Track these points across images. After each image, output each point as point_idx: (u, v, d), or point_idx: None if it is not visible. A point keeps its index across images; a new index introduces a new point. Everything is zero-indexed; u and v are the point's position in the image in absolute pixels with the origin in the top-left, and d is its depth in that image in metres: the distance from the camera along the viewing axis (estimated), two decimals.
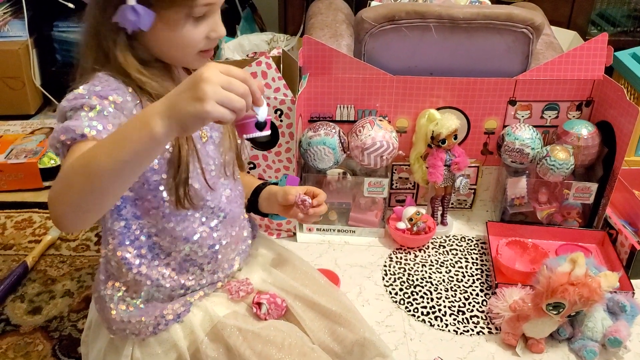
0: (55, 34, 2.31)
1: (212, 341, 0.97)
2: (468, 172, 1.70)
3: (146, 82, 0.87)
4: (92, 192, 0.71)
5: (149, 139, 0.68)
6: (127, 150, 0.69)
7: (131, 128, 0.70)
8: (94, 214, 0.75)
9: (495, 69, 1.62)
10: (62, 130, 0.78)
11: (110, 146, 0.70)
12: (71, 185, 0.71)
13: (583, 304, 1.25)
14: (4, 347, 1.37)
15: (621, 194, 1.65)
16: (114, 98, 0.83)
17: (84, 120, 0.78)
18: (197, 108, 0.67)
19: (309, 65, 1.56)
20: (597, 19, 2.48)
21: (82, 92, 0.83)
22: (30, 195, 1.92)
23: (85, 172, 0.70)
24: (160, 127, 0.68)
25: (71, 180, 0.71)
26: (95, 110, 0.80)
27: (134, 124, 0.70)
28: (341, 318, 1.06)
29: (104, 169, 0.69)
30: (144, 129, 0.68)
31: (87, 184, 0.70)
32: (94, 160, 0.69)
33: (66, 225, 0.74)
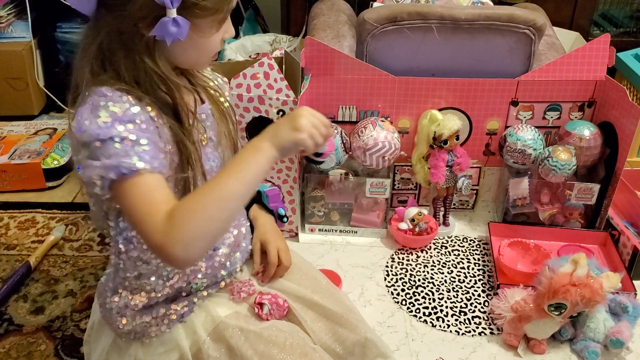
0: (59, 34, 2.31)
1: (214, 341, 0.97)
2: (470, 173, 1.70)
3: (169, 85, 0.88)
4: (227, 219, 0.83)
5: (266, 160, 0.83)
6: (252, 173, 0.82)
7: (247, 156, 0.83)
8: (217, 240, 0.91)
9: (497, 69, 1.62)
10: (110, 167, 0.78)
11: (237, 174, 0.81)
12: (211, 219, 0.79)
13: (585, 305, 1.25)
14: (7, 346, 1.37)
15: (623, 195, 1.65)
16: (139, 119, 0.83)
17: (131, 153, 0.79)
18: (296, 136, 0.84)
19: (311, 66, 1.57)
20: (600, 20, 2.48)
21: (108, 119, 0.80)
22: (34, 196, 1.92)
23: (222, 202, 0.80)
24: (271, 150, 0.83)
25: (214, 217, 0.79)
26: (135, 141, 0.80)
27: (248, 152, 0.83)
28: (342, 319, 1.07)
29: (238, 194, 0.81)
30: (259, 153, 0.82)
31: (225, 211, 0.80)
32: (227, 189, 0.80)
33: (194, 260, 0.86)
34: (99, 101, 0.82)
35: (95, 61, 0.86)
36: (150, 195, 0.80)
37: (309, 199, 1.66)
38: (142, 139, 0.81)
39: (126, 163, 0.78)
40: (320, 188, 1.65)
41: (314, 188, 1.65)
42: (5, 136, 2.10)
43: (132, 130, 0.81)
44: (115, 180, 0.79)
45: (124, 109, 0.82)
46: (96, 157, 0.79)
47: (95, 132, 0.79)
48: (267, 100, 1.49)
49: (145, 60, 0.85)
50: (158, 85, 0.86)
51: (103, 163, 0.78)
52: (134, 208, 0.79)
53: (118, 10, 0.82)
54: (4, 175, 1.92)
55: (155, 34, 0.83)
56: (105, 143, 0.79)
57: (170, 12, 0.81)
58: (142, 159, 0.79)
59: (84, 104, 0.83)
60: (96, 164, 0.79)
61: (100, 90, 0.83)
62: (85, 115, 0.81)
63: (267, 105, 1.50)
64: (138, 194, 0.79)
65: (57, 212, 1.84)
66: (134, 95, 0.84)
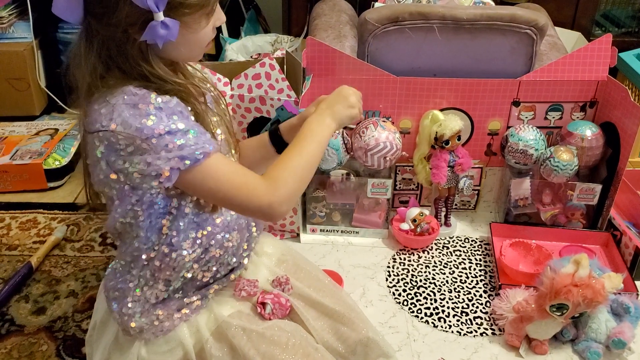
0: (60, 35, 2.31)
1: (216, 341, 0.97)
2: (472, 173, 1.70)
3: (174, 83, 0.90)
4: (310, 176, 0.98)
5: (330, 132, 1.02)
6: (323, 140, 1.01)
7: (316, 129, 1.00)
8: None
9: (498, 69, 1.61)
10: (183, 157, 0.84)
11: (313, 140, 0.98)
12: (303, 179, 0.95)
13: (587, 306, 1.25)
14: (8, 347, 1.37)
15: (625, 195, 1.65)
16: (179, 107, 0.87)
17: (193, 143, 0.85)
18: (352, 112, 1.05)
19: (312, 66, 1.57)
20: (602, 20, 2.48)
21: (154, 114, 0.84)
22: (35, 196, 1.93)
23: (308, 163, 0.96)
24: (333, 124, 1.02)
25: (303, 177, 0.95)
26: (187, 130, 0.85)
27: (316, 125, 1.01)
28: (345, 318, 1.07)
29: (317, 156, 0.98)
30: (324, 126, 1.01)
31: (311, 170, 0.97)
32: (310, 153, 0.97)
33: (286, 212, 0.94)
34: (135, 98, 0.84)
35: (99, 66, 0.86)
36: (231, 170, 0.90)
37: (311, 200, 1.66)
38: (192, 126, 0.86)
39: (199, 149, 0.84)
40: (322, 188, 1.65)
41: (316, 188, 1.65)
42: (6, 137, 2.10)
43: (180, 120, 0.85)
44: (188, 168, 0.84)
45: (165, 101, 0.85)
46: (156, 152, 0.82)
47: (149, 128, 0.82)
48: (268, 100, 1.49)
49: (142, 64, 0.86)
50: (163, 83, 0.88)
51: (172, 154, 0.83)
52: (227, 183, 0.88)
53: (106, 19, 0.83)
54: (5, 176, 1.92)
55: (146, 39, 0.83)
56: (163, 137, 0.83)
57: (158, 16, 0.81)
58: (207, 141, 0.86)
59: (110, 105, 0.84)
60: (166, 156, 0.82)
61: (127, 89, 0.85)
62: (128, 113, 0.83)
63: (268, 105, 1.50)
64: (223, 171, 0.88)
65: (58, 213, 1.84)
66: (154, 89, 0.87)
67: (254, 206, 0.90)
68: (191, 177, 0.86)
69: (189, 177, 0.86)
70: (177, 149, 0.83)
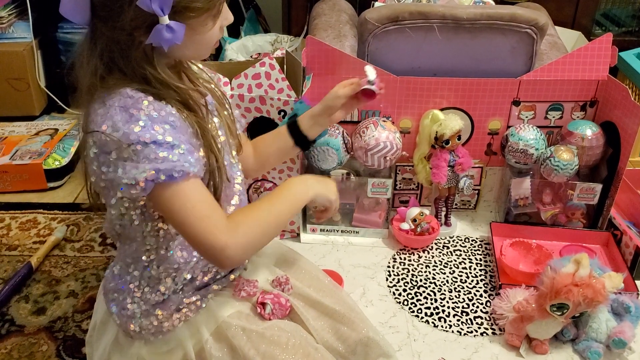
0: (60, 35, 2.31)
1: (216, 341, 0.97)
2: (472, 173, 1.70)
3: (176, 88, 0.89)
4: (272, 237, 0.98)
5: (305, 200, 1.02)
6: (297, 206, 1.01)
7: (295, 192, 1.00)
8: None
9: (499, 69, 1.61)
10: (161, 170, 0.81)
11: (285, 206, 0.97)
12: (264, 235, 0.94)
13: (587, 305, 1.25)
14: (8, 347, 1.37)
15: (626, 195, 1.65)
16: (172, 117, 0.86)
17: (180, 158, 0.83)
18: (330, 195, 1.08)
19: (312, 66, 1.56)
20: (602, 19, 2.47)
21: (145, 122, 0.82)
22: (35, 196, 1.93)
23: (276, 224, 0.96)
24: (310, 194, 1.02)
25: (265, 233, 0.94)
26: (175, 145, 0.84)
27: (296, 189, 1.01)
28: (345, 318, 1.07)
29: (285, 220, 1.00)
30: (304, 195, 1.01)
31: (275, 231, 0.98)
32: (280, 215, 0.96)
33: (240, 264, 0.98)
34: (129, 102, 0.83)
35: (100, 67, 0.86)
36: (201, 199, 0.86)
37: None
38: (182, 142, 0.84)
39: (178, 167, 0.82)
40: None
41: None
42: (6, 137, 2.10)
43: (170, 132, 0.83)
44: (161, 183, 0.81)
45: (158, 109, 0.84)
46: (137, 160, 0.81)
47: (135, 135, 0.81)
48: (268, 100, 1.49)
49: (145, 67, 0.86)
50: (164, 88, 0.88)
51: (149, 166, 0.80)
52: (191, 210, 0.84)
53: (111, 22, 0.83)
54: (5, 176, 1.92)
55: (152, 42, 0.83)
56: (148, 146, 0.81)
57: (163, 19, 0.81)
58: (190, 163, 0.83)
59: (106, 106, 0.84)
60: (139, 166, 0.80)
61: (124, 91, 0.84)
62: (119, 117, 0.82)
63: (268, 105, 1.50)
64: (193, 198, 0.85)
65: (58, 213, 1.84)
66: (152, 93, 0.86)
67: (208, 243, 0.85)
68: (160, 192, 0.83)
69: (158, 191, 0.83)
70: (159, 160, 0.81)
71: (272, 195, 0.98)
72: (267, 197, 0.98)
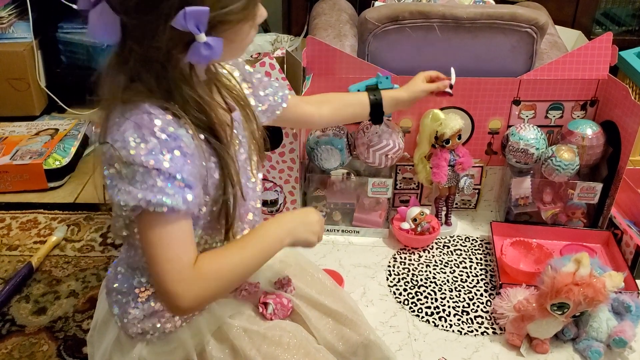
0: (60, 35, 2.31)
1: (218, 341, 0.97)
2: (472, 172, 1.70)
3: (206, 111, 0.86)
4: (236, 286, 0.97)
5: (279, 247, 0.95)
6: (267, 257, 0.93)
7: (269, 243, 0.93)
8: None
9: (499, 68, 1.61)
10: (145, 200, 0.78)
11: (259, 256, 0.92)
12: (229, 286, 0.91)
13: (588, 304, 1.25)
14: (9, 347, 1.37)
15: (626, 194, 1.65)
16: (183, 142, 0.82)
17: (170, 191, 0.80)
18: (311, 239, 0.98)
19: (312, 65, 1.56)
20: (602, 18, 2.48)
21: (153, 145, 0.79)
22: (36, 196, 1.93)
23: (242, 275, 0.93)
24: (286, 241, 0.94)
25: (229, 284, 0.91)
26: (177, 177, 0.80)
27: (269, 239, 0.93)
28: (347, 319, 1.07)
29: (253, 270, 0.94)
30: (278, 244, 0.94)
31: (240, 281, 0.97)
32: (249, 267, 0.91)
33: (186, 312, 0.91)
34: (145, 119, 0.80)
35: (127, 83, 0.83)
36: (177, 240, 0.82)
37: (311, 199, 1.66)
38: (185, 173, 0.81)
39: (163, 201, 0.79)
40: (322, 188, 1.65)
41: (316, 188, 1.65)
42: (6, 137, 2.10)
43: (176, 160, 0.80)
44: (149, 212, 0.79)
45: (170, 132, 0.81)
46: (134, 181, 0.79)
47: (139, 156, 0.79)
48: None
49: (182, 86, 0.83)
50: (193, 107, 0.84)
51: (142, 194, 0.78)
52: (163, 247, 0.81)
53: (146, 42, 0.80)
54: (5, 176, 1.92)
55: (190, 60, 0.81)
56: (149, 172, 0.79)
57: (200, 37, 0.78)
58: (184, 200, 0.80)
59: (122, 118, 0.81)
60: (132, 190, 0.79)
61: (143, 106, 0.81)
62: (130, 132, 0.80)
63: None
64: (170, 235, 0.81)
65: (58, 213, 1.84)
66: (173, 114, 0.83)
67: (164, 287, 0.82)
68: (144, 218, 0.81)
69: (143, 217, 0.81)
70: (154, 189, 0.79)
71: (246, 241, 0.93)
72: (240, 243, 0.93)
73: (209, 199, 0.90)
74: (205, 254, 0.86)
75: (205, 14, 0.77)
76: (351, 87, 1.47)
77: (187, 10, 0.75)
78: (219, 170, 0.89)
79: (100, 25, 0.80)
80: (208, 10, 0.77)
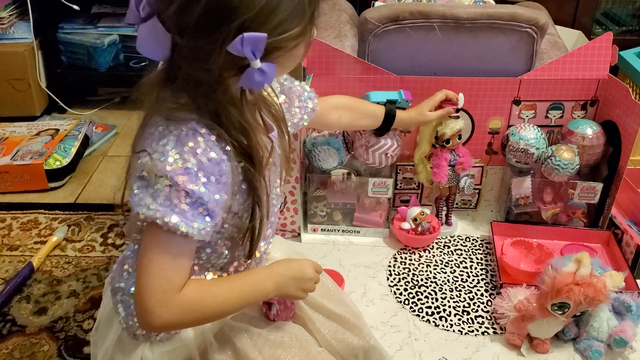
0: (61, 35, 2.31)
1: (220, 342, 0.97)
2: (472, 172, 1.70)
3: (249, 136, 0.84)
4: (209, 322, 0.94)
5: (264, 297, 0.95)
6: (250, 304, 0.97)
7: (255, 292, 0.92)
8: None
9: (499, 68, 1.61)
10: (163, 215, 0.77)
11: (244, 300, 0.92)
12: (205, 320, 0.91)
13: (588, 304, 1.25)
14: (10, 347, 1.37)
15: (626, 194, 1.65)
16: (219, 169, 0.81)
17: (191, 219, 0.79)
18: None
19: (313, 65, 1.56)
20: (602, 18, 2.48)
21: (192, 166, 0.78)
22: (36, 197, 1.93)
23: (222, 314, 0.93)
24: (272, 294, 0.94)
25: (208, 317, 0.89)
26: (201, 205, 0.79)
27: (257, 288, 0.92)
28: (349, 323, 1.07)
29: (230, 313, 0.95)
30: (263, 294, 0.93)
31: (214, 319, 0.93)
32: (231, 308, 0.91)
33: (156, 330, 0.92)
34: (188, 137, 0.79)
35: (173, 102, 0.82)
36: (175, 261, 0.81)
37: (312, 199, 1.66)
38: (212, 202, 0.80)
39: (179, 225, 0.78)
40: (323, 188, 1.65)
41: (317, 188, 1.65)
42: (7, 137, 2.10)
43: (209, 187, 0.79)
44: (160, 226, 0.78)
45: (211, 157, 0.79)
46: (159, 195, 0.78)
47: (176, 173, 0.77)
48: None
49: (230, 109, 0.81)
50: (238, 130, 0.83)
51: (162, 211, 0.77)
52: (160, 264, 0.80)
53: (198, 63, 0.78)
54: (6, 176, 1.92)
55: (242, 85, 0.79)
56: (178, 191, 0.77)
57: (255, 63, 0.76)
58: (195, 227, 0.79)
59: (167, 130, 0.79)
60: (153, 204, 0.77)
61: (191, 122, 0.79)
62: (171, 146, 0.78)
63: None
64: (167, 253, 0.80)
65: (59, 213, 1.84)
66: (218, 132, 0.81)
67: (145, 302, 0.80)
68: (152, 229, 0.80)
69: (152, 227, 0.80)
70: (175, 209, 0.78)
71: (235, 282, 0.92)
72: (229, 282, 0.92)
73: (235, 219, 0.89)
74: (194, 282, 0.85)
75: (262, 40, 0.75)
76: (372, 95, 1.48)
77: (245, 36, 0.73)
78: (250, 197, 0.87)
79: (149, 42, 0.78)
80: (266, 37, 0.75)
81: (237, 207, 0.88)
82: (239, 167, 0.84)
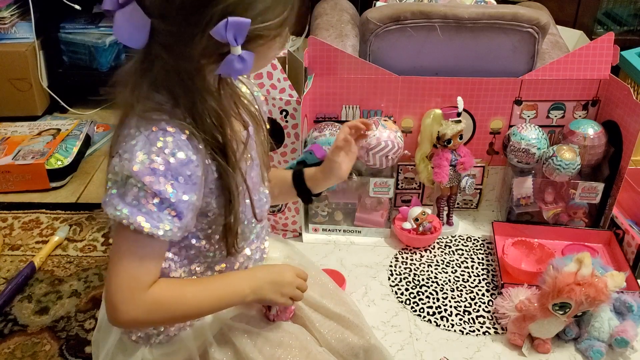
0: (62, 35, 2.31)
1: (219, 343, 0.97)
2: (474, 172, 1.70)
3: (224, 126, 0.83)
4: (179, 322, 0.92)
5: (239, 301, 0.93)
6: (226, 305, 0.92)
7: (230, 293, 0.90)
8: None
9: (500, 68, 1.61)
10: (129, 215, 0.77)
11: (216, 302, 0.89)
12: (174, 320, 0.90)
13: (589, 304, 1.25)
14: (11, 347, 1.37)
15: (628, 194, 1.65)
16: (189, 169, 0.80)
17: (157, 220, 0.78)
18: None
19: (314, 65, 1.57)
20: (603, 18, 2.48)
21: (159, 166, 0.77)
22: (38, 196, 1.93)
23: (193, 315, 0.91)
24: (248, 298, 0.92)
25: (177, 317, 0.88)
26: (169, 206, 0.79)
27: (232, 290, 0.91)
28: (349, 322, 1.07)
29: (202, 314, 0.92)
30: (239, 297, 0.91)
31: (185, 320, 0.92)
32: (203, 310, 0.89)
33: (125, 327, 0.91)
34: (157, 137, 0.78)
35: (150, 94, 0.81)
36: (143, 260, 0.81)
37: None
38: (181, 202, 0.79)
39: (143, 224, 0.77)
40: None
41: None
42: (9, 137, 2.10)
43: (178, 187, 0.78)
44: (128, 226, 0.78)
45: (179, 157, 0.78)
46: (127, 194, 0.77)
47: (143, 174, 0.77)
48: (270, 100, 1.49)
49: (207, 98, 0.81)
50: (213, 121, 0.82)
51: (129, 210, 0.77)
52: (123, 261, 0.80)
53: (177, 50, 0.77)
54: (8, 176, 1.92)
55: (221, 72, 0.79)
56: (145, 192, 0.77)
57: (235, 50, 0.76)
58: (162, 228, 0.79)
59: (138, 130, 0.79)
60: (120, 203, 0.77)
61: (160, 122, 0.79)
62: (139, 146, 0.78)
63: (270, 105, 1.50)
64: (134, 252, 0.80)
65: (61, 213, 1.84)
66: (189, 131, 0.80)
67: (113, 298, 0.80)
68: (121, 228, 0.79)
69: (119, 230, 0.79)
70: (142, 209, 0.77)
71: (209, 283, 0.91)
72: (203, 282, 0.91)
73: (216, 217, 0.89)
74: (164, 281, 0.84)
75: (246, 25, 0.74)
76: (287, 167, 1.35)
77: (230, 20, 0.73)
78: (223, 192, 0.87)
79: (127, 28, 0.76)
80: (249, 22, 0.75)
81: (215, 205, 0.88)
82: (212, 165, 0.84)
